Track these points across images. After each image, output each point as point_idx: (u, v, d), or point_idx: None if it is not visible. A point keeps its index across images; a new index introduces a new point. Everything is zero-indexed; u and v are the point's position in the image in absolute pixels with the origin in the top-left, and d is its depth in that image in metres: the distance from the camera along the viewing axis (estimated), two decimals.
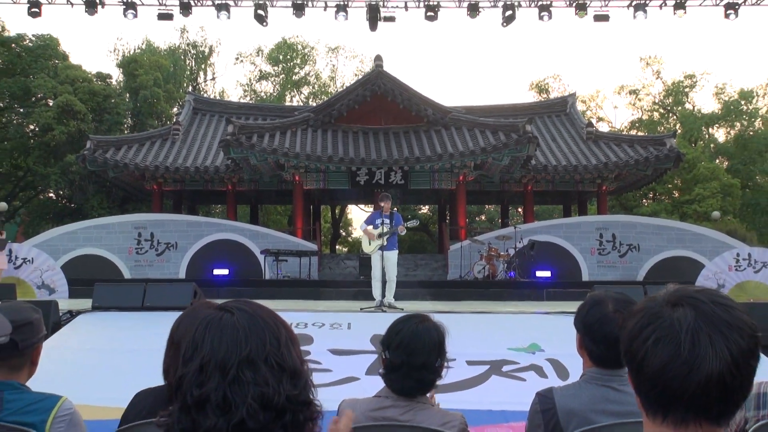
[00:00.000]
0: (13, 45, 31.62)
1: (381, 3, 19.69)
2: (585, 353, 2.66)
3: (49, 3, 19.91)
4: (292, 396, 1.39)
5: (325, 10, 19.96)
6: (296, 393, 1.40)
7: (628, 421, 2.39)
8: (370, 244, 11.39)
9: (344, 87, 32.34)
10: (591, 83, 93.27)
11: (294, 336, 1.50)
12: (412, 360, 2.58)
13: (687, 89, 41.42)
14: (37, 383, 2.67)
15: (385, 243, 11.24)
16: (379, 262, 11.37)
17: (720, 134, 41.07)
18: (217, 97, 39.10)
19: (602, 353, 2.58)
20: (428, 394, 2.73)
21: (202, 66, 46.08)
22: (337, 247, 41.13)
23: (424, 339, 2.61)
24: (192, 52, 45.36)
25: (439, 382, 2.84)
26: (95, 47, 77.58)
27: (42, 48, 31.73)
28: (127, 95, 34.52)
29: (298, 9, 19.71)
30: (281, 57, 46.23)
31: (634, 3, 19.87)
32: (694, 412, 1.25)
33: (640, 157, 23.62)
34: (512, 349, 8.07)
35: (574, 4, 19.84)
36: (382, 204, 11.41)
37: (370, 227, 11.44)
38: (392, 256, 11.42)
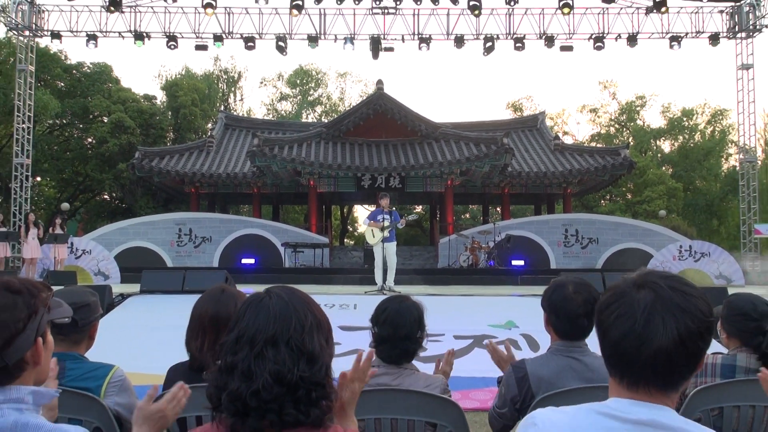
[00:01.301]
0: (74, 71, 31.68)
1: (382, 36, 19.71)
2: (551, 329, 2.67)
3: (104, 36, 19.93)
4: (306, 376, 1.39)
5: (335, 41, 20.03)
6: (308, 374, 1.39)
7: (589, 386, 2.40)
8: (374, 236, 11.35)
9: (351, 106, 32.33)
10: (558, 103, 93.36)
11: (323, 323, 1.50)
12: (397, 332, 2.60)
13: (638, 108, 41.39)
14: (94, 355, 2.68)
15: (387, 235, 11.23)
16: (381, 252, 11.35)
17: (666, 146, 41.03)
18: (245, 115, 39.03)
19: (565, 328, 2.59)
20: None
21: (232, 89, 46.03)
22: (345, 240, 41.10)
23: (406, 315, 2.62)
24: (224, 77, 45.31)
25: (431, 353, 2.85)
26: (142, 73, 77.57)
27: (98, 74, 31.77)
28: (170, 113, 34.50)
29: (313, 41, 19.75)
30: (298, 81, 46.22)
31: (593, 36, 19.88)
32: (644, 378, 1.26)
33: (599, 165, 23.62)
34: (492, 326, 8.07)
35: (543, 37, 19.85)
36: (382, 201, 11.36)
37: (372, 221, 11.42)
38: (392, 246, 11.34)
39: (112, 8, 18.41)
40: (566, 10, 18.64)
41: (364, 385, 1.74)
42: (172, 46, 19.79)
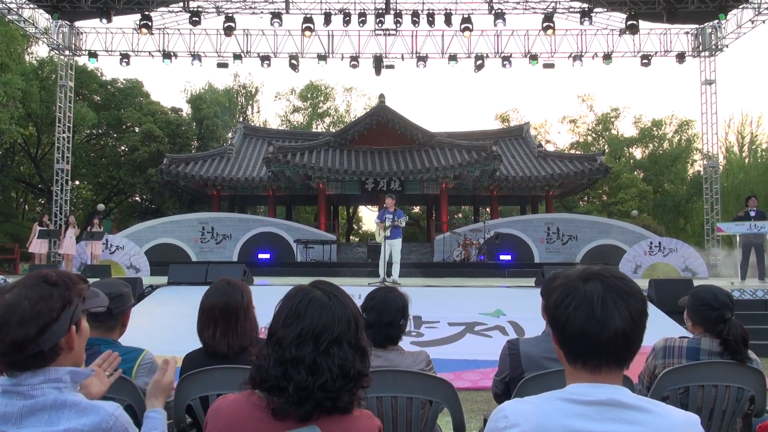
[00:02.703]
0: (109, 86, 31.70)
1: (384, 54, 19.71)
2: (546, 315, 2.70)
3: (136, 55, 19.96)
4: (360, 370, 1.43)
5: (342, 59, 20.02)
6: (362, 368, 1.44)
7: None
8: (379, 234, 11.31)
9: (356, 118, 32.31)
10: (541, 114, 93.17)
11: (363, 323, 1.53)
12: (382, 319, 2.60)
13: (613, 119, 41.31)
14: (126, 339, 2.68)
15: (389, 234, 11.10)
16: (386, 248, 11.27)
17: (637, 153, 40.93)
18: (261, 126, 39.00)
19: None
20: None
21: (250, 102, 46.02)
22: (350, 237, 41.07)
23: (391, 304, 2.62)
24: (242, 91, 45.29)
25: (428, 338, 2.85)
26: (170, 87, 77.57)
27: (130, 89, 31.78)
28: (194, 124, 34.50)
29: (322, 59, 19.76)
30: (309, 95, 46.16)
31: (572, 55, 19.87)
32: (605, 359, 1.28)
33: (577, 170, 23.62)
34: (482, 314, 8.07)
35: (528, 56, 19.84)
36: (386, 201, 11.25)
37: (380, 221, 11.34)
38: (396, 243, 11.13)
39: (144, 30, 18.41)
40: (549, 31, 18.63)
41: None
42: (197, 64, 19.81)
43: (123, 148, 31.48)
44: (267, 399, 1.40)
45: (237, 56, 19.79)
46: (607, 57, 19.83)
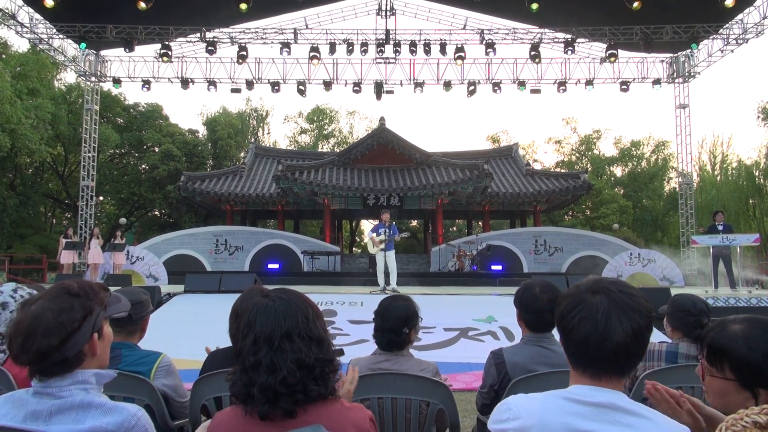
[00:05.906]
0: (131, 110, 31.87)
1: (384, 81, 19.82)
2: (522, 323, 2.67)
3: (156, 81, 20.07)
4: (319, 357, 1.42)
5: (345, 85, 20.13)
6: (321, 355, 1.43)
7: (555, 370, 2.39)
8: (374, 247, 11.30)
9: (358, 139, 32.38)
10: (529, 135, 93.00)
11: (319, 313, 1.52)
12: (384, 324, 2.60)
13: (595, 140, 41.41)
14: (145, 344, 2.68)
15: (384, 247, 11.14)
16: (383, 259, 11.27)
17: (618, 171, 40.96)
18: (271, 146, 39.08)
19: (534, 322, 2.59)
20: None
21: (261, 124, 46.14)
22: (353, 249, 40.99)
23: (393, 311, 2.61)
24: (254, 114, 45.43)
25: (425, 343, 2.83)
26: (187, 111, 77.71)
27: (150, 112, 31.92)
28: (209, 144, 34.59)
29: (327, 85, 19.87)
30: (315, 118, 46.29)
31: (557, 81, 19.98)
32: (605, 369, 1.27)
33: (562, 187, 23.64)
34: (475, 320, 8.05)
35: (516, 82, 19.95)
36: (383, 216, 11.27)
37: (374, 234, 11.34)
38: (391, 254, 11.22)
39: (164, 58, 18.53)
40: (536, 59, 18.75)
41: (353, 388, 1.88)
42: (212, 89, 19.92)
43: (144, 166, 31.56)
44: (243, 408, 1.40)
45: (249, 82, 19.90)
46: (589, 83, 19.94)
